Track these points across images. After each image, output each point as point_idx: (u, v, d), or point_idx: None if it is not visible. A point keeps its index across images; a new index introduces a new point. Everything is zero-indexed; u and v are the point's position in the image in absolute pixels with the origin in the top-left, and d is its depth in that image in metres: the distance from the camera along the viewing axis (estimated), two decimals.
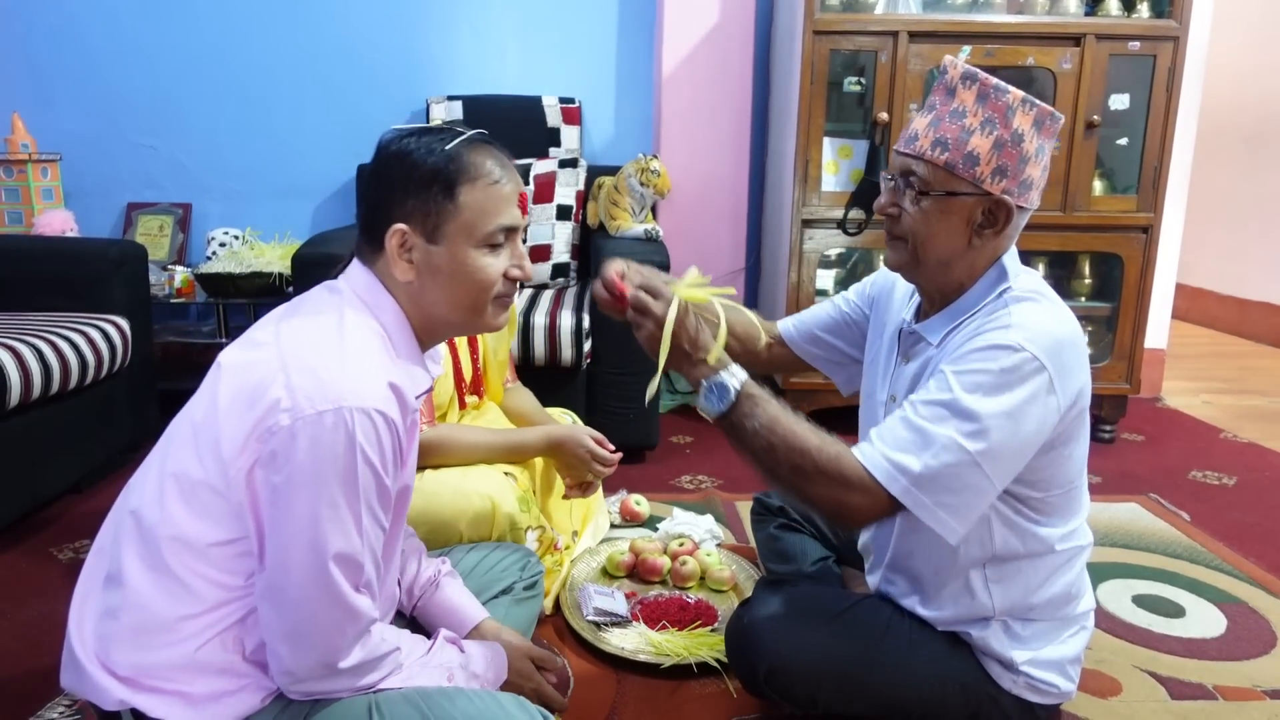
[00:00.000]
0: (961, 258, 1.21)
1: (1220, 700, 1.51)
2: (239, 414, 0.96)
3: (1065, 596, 1.28)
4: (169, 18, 3.11)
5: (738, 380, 1.17)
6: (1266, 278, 4.26)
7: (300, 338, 1.00)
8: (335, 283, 1.10)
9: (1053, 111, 1.18)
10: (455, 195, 1.04)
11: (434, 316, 1.09)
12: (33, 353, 1.97)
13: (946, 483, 1.11)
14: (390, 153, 1.06)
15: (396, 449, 1.00)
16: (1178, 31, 2.54)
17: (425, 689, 1.06)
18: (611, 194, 2.86)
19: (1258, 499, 2.41)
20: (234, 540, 0.98)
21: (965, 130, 1.16)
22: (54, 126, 3.12)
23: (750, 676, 1.32)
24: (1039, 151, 1.18)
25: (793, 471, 1.13)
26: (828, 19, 2.55)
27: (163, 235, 3.15)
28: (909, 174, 1.21)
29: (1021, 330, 1.12)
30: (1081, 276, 2.80)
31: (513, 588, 1.43)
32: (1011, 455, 1.13)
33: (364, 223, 1.09)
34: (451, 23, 3.19)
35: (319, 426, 0.92)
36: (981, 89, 1.17)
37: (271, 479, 0.94)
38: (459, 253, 1.05)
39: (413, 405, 1.05)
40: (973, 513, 1.15)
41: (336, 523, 0.95)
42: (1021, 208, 1.19)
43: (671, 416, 2.96)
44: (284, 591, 0.96)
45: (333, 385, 0.94)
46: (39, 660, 1.56)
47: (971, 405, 1.10)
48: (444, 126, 1.09)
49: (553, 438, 1.74)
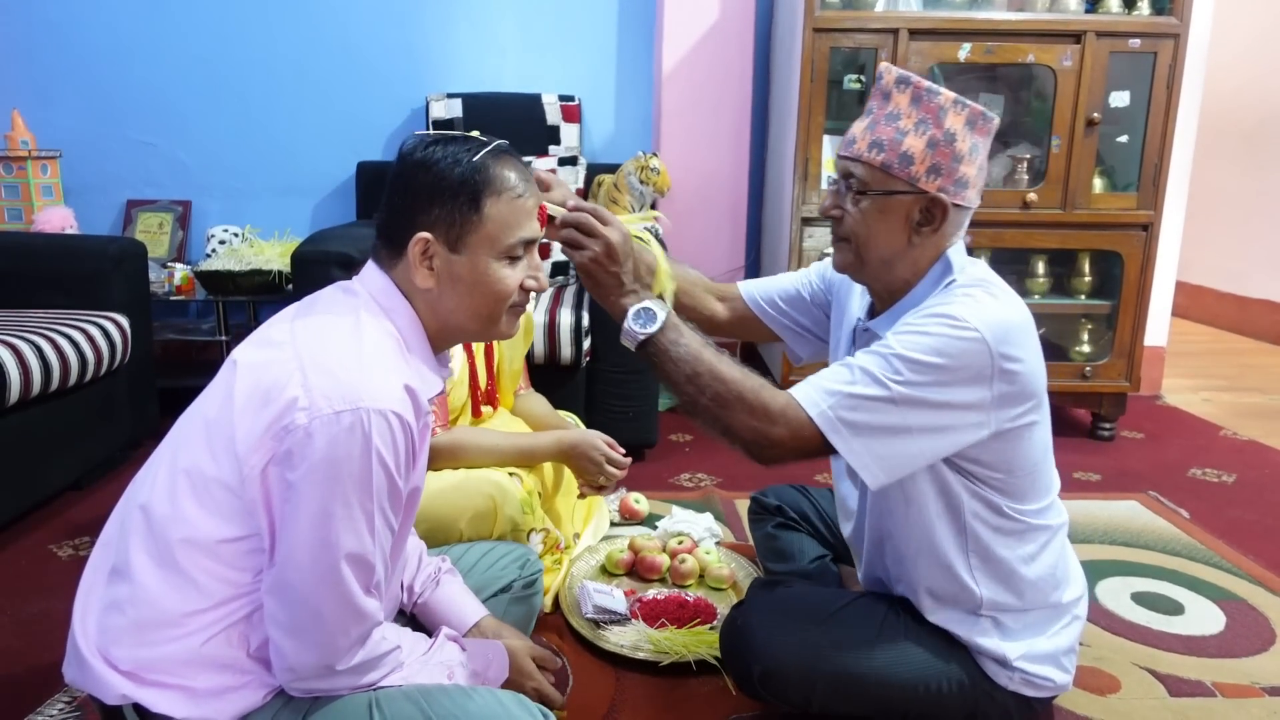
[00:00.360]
0: (903, 256, 1.25)
1: (1219, 697, 1.51)
2: (254, 412, 0.97)
3: (1051, 579, 1.29)
4: (169, 15, 3.11)
5: (663, 309, 1.20)
6: (1267, 275, 4.26)
7: (317, 338, 1.01)
8: (351, 284, 1.11)
9: (984, 111, 1.21)
10: (480, 207, 1.05)
11: (450, 323, 1.10)
12: (32, 350, 1.97)
13: (867, 418, 1.13)
14: (415, 160, 1.06)
15: (410, 451, 1.01)
16: (1178, 29, 2.54)
17: (426, 686, 1.07)
18: (611, 192, 2.86)
19: (1257, 496, 2.41)
20: (244, 537, 0.98)
21: (900, 132, 1.20)
22: (54, 123, 3.12)
23: (745, 678, 1.32)
24: (973, 150, 1.21)
25: (714, 400, 1.16)
26: (828, 16, 2.54)
27: (162, 232, 3.15)
28: (849, 176, 1.25)
29: (965, 308, 1.15)
30: (1082, 274, 2.80)
31: (512, 586, 1.43)
32: (936, 411, 1.14)
33: (385, 228, 1.09)
34: (451, 20, 3.18)
35: (336, 426, 0.93)
36: (915, 92, 1.21)
37: (286, 477, 0.95)
38: (480, 263, 1.06)
39: (426, 407, 1.06)
40: (895, 461, 1.15)
41: (349, 522, 0.95)
42: (959, 205, 1.22)
43: (671, 415, 2.96)
44: (293, 588, 0.96)
45: (350, 386, 0.95)
46: (39, 657, 1.56)
47: (901, 350, 1.14)
48: (467, 136, 1.09)
49: (565, 443, 1.76)
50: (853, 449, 1.14)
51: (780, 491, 1.76)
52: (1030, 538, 1.27)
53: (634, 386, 2.48)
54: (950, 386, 1.14)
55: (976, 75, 2.82)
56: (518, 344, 1.95)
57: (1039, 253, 2.78)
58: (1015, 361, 1.15)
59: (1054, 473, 1.32)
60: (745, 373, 1.18)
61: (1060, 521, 1.32)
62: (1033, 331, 1.21)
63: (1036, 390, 1.21)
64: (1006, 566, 1.26)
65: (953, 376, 1.13)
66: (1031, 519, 1.26)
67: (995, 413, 1.16)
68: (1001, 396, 1.16)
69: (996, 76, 2.83)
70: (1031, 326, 1.21)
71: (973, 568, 1.26)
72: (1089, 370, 2.74)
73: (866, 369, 1.15)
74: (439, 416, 1.62)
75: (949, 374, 1.13)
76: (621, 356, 2.46)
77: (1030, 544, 1.27)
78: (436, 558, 1.37)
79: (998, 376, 1.15)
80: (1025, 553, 1.27)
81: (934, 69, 2.65)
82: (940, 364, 1.13)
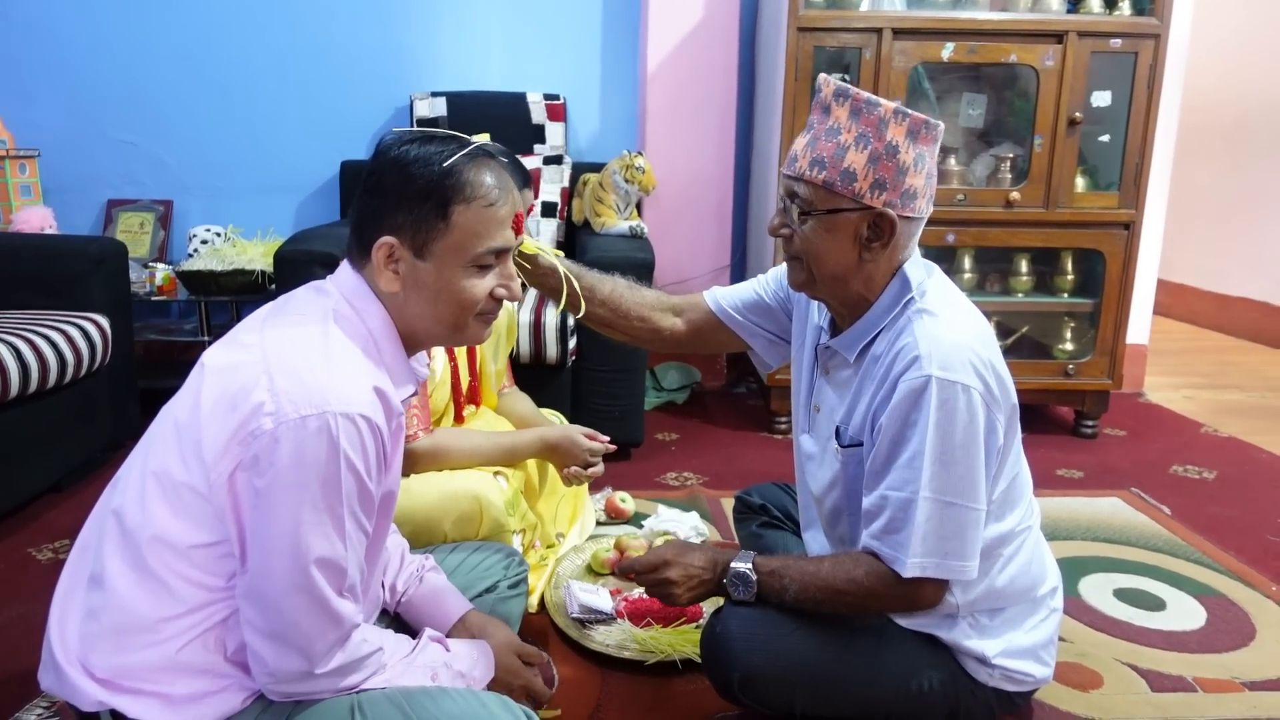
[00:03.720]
0: (855, 272, 1.24)
1: (1200, 692, 1.52)
2: (222, 417, 0.95)
3: (1026, 578, 1.30)
4: (149, 13, 3.08)
5: (747, 563, 1.28)
6: (1247, 273, 4.30)
7: (285, 341, 0.99)
8: (323, 284, 1.09)
9: (927, 120, 1.19)
10: (448, 215, 1.02)
11: (416, 328, 1.08)
12: (10, 351, 1.95)
13: (940, 534, 1.18)
14: (388, 160, 1.03)
15: (380, 454, 0.99)
16: (1159, 29, 2.56)
17: (408, 689, 1.06)
18: (596, 191, 2.85)
19: (1237, 493, 2.43)
20: (216, 543, 0.97)
21: (840, 147, 1.18)
22: (32, 122, 3.08)
23: (725, 686, 1.31)
24: (918, 160, 1.19)
25: (846, 608, 1.26)
26: (812, 15, 2.55)
27: (143, 232, 3.12)
28: (793, 195, 1.24)
29: (930, 360, 1.16)
30: (1064, 273, 2.82)
31: (497, 586, 1.42)
32: (977, 472, 1.18)
33: (355, 229, 1.07)
34: (435, 18, 3.17)
35: (303, 431, 0.92)
36: (854, 105, 1.19)
37: (254, 483, 0.93)
38: (446, 271, 1.04)
39: (398, 409, 1.04)
40: (974, 544, 1.20)
41: (319, 527, 0.94)
42: (907, 218, 1.21)
43: (657, 414, 2.96)
44: (266, 595, 0.95)
45: (317, 389, 0.93)
46: (17, 662, 1.54)
47: (916, 454, 1.16)
48: (448, 134, 1.06)
49: (547, 440, 1.77)
50: (951, 568, 1.19)
51: (765, 490, 1.76)
52: (1008, 550, 1.29)
53: (620, 385, 2.48)
54: (970, 445, 1.17)
55: (960, 75, 2.83)
56: (500, 343, 1.95)
57: (1022, 251, 2.79)
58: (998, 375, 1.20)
59: (1027, 475, 1.34)
60: (836, 566, 1.25)
61: (1033, 523, 1.34)
62: (991, 341, 1.24)
63: (1012, 399, 1.25)
64: (986, 580, 1.27)
65: (968, 436, 1.17)
66: (1009, 530, 1.28)
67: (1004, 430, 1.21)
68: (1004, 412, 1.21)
69: (980, 76, 2.84)
70: (990, 336, 1.24)
71: (952, 586, 1.27)
72: (1071, 368, 2.76)
73: (912, 501, 1.17)
74: (421, 419, 1.61)
75: (966, 442, 1.17)
76: (607, 355, 2.46)
77: (1008, 556, 1.29)
78: (420, 555, 1.37)
79: (995, 400, 1.19)
80: (1003, 563, 1.28)
81: (918, 68, 2.66)
82: (960, 443, 1.16)
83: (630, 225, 2.77)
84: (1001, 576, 1.28)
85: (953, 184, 2.70)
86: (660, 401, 3.07)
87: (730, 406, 3.09)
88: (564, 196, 2.90)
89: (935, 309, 1.22)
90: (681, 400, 3.11)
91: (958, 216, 2.65)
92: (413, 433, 1.59)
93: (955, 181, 2.72)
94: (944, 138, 1.25)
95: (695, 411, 3.03)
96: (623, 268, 2.39)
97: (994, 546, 1.27)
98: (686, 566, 1.29)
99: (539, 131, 3.07)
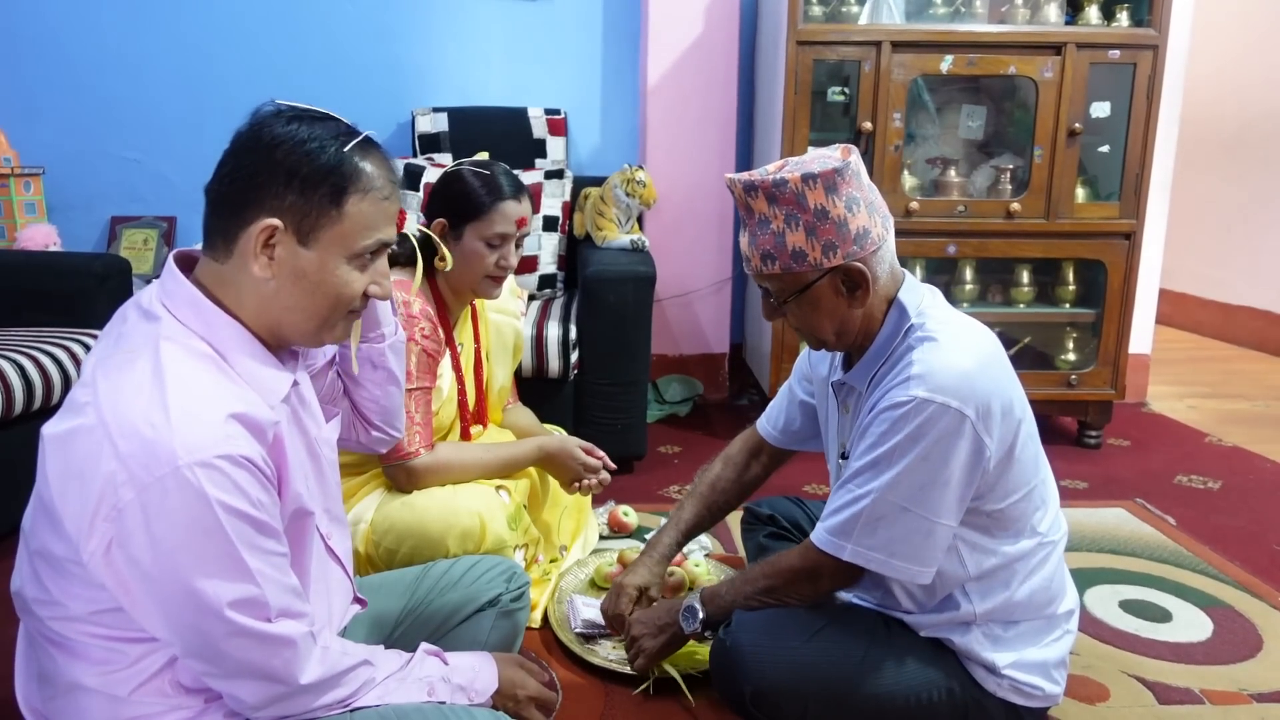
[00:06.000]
0: (854, 321, 1.28)
1: (1207, 704, 1.52)
2: (76, 493, 0.87)
3: (1045, 594, 1.30)
4: (153, 31, 3.10)
5: (695, 598, 1.41)
6: (1249, 282, 4.29)
7: (118, 393, 0.89)
8: (151, 306, 0.96)
9: (836, 167, 1.19)
10: (342, 203, 0.96)
11: (283, 321, 0.99)
12: (14, 369, 1.95)
13: (888, 533, 1.20)
14: (275, 135, 0.95)
15: (264, 478, 0.91)
16: (1157, 40, 2.57)
17: (402, 707, 1.04)
18: (598, 204, 2.86)
19: (1242, 503, 2.42)
20: (118, 607, 0.91)
21: (778, 235, 1.22)
22: (37, 140, 3.10)
23: (737, 700, 1.32)
24: (850, 205, 1.21)
25: (779, 601, 1.34)
26: (811, 29, 2.56)
27: (147, 249, 3.13)
28: (766, 290, 1.29)
29: (922, 381, 1.18)
30: (1065, 283, 2.82)
31: (499, 599, 1.41)
32: (941, 488, 1.18)
33: (222, 202, 0.96)
34: (436, 34, 3.19)
35: (162, 492, 0.84)
36: (766, 192, 1.21)
37: (134, 556, 0.86)
38: (329, 262, 0.97)
39: (270, 419, 0.94)
40: (930, 551, 1.21)
41: (218, 577, 0.87)
42: (873, 252, 1.23)
43: (659, 426, 2.96)
44: (201, 650, 0.91)
45: (163, 445, 0.85)
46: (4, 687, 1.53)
47: (884, 456, 1.20)
48: (331, 116, 1.01)
49: (545, 449, 1.79)
50: (894, 566, 1.22)
51: (774, 502, 1.77)
52: (1029, 561, 1.29)
53: (622, 398, 2.48)
54: (939, 464, 1.18)
55: (959, 87, 2.84)
56: (507, 361, 1.95)
57: (1023, 262, 2.79)
58: (993, 399, 1.19)
59: (1051, 488, 1.34)
60: (767, 563, 1.37)
61: (1058, 538, 1.34)
62: (1000, 362, 1.25)
63: (1021, 416, 1.24)
64: (1005, 589, 1.27)
65: (937, 453, 1.17)
66: (1031, 542, 1.28)
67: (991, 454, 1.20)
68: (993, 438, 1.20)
69: (979, 88, 2.85)
70: (998, 357, 1.25)
71: (970, 594, 1.28)
72: (1074, 378, 2.76)
73: (867, 493, 1.21)
74: (423, 436, 1.62)
75: (934, 458, 1.17)
76: (609, 369, 2.46)
77: (1029, 567, 1.29)
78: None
79: (979, 425, 1.18)
80: (1025, 574, 1.28)
81: (917, 81, 2.67)
82: (921, 454, 1.17)
83: (631, 239, 2.78)
84: (1022, 589, 1.28)
85: (953, 195, 2.70)
86: (663, 414, 3.07)
87: (733, 419, 3.08)
88: (565, 210, 2.91)
89: (936, 333, 1.23)
90: (684, 413, 3.11)
91: (958, 228, 2.65)
92: (414, 450, 1.59)
93: (956, 193, 2.72)
94: (944, 149, 1.27)
95: (698, 424, 3.03)
96: (624, 281, 2.42)
97: (1015, 559, 1.27)
98: (648, 621, 1.45)
99: (540, 146, 3.08)
